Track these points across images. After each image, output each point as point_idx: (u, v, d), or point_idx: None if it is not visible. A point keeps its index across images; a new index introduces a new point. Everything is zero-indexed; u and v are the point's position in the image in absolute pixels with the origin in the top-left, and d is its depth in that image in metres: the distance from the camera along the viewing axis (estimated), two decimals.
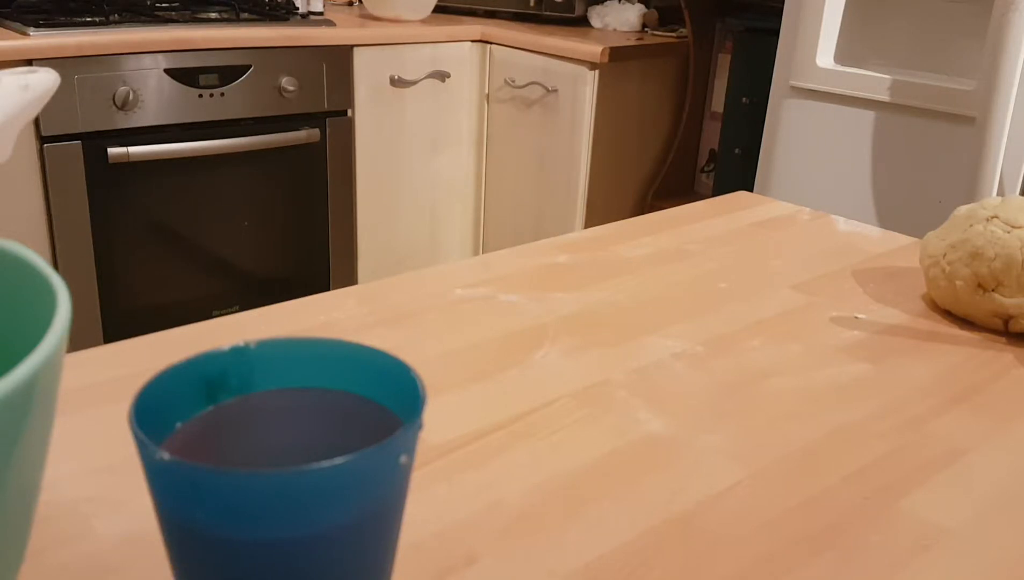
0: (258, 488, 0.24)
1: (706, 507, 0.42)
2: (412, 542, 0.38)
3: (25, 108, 0.41)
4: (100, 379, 0.51)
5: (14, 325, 0.30)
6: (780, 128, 1.75)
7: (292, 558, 0.25)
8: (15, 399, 0.23)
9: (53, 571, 0.36)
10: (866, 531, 0.41)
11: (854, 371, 0.56)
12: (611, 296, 0.65)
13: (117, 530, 0.38)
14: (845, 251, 0.77)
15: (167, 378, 0.28)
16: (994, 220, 0.62)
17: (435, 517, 0.40)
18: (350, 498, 0.25)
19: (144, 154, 1.82)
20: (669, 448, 0.47)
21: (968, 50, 1.56)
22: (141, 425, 0.26)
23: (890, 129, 1.62)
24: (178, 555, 0.27)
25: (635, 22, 2.33)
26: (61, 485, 0.41)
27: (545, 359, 0.56)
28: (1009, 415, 0.52)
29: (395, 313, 0.61)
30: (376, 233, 2.23)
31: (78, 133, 1.75)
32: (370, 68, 2.08)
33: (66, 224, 1.78)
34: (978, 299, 0.62)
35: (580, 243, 0.76)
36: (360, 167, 2.14)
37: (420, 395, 0.28)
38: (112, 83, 1.76)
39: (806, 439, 0.48)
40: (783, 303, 0.66)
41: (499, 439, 0.47)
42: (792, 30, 1.70)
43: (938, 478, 0.45)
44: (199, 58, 1.85)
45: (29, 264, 0.30)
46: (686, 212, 0.86)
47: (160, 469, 0.25)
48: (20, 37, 1.67)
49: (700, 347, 0.58)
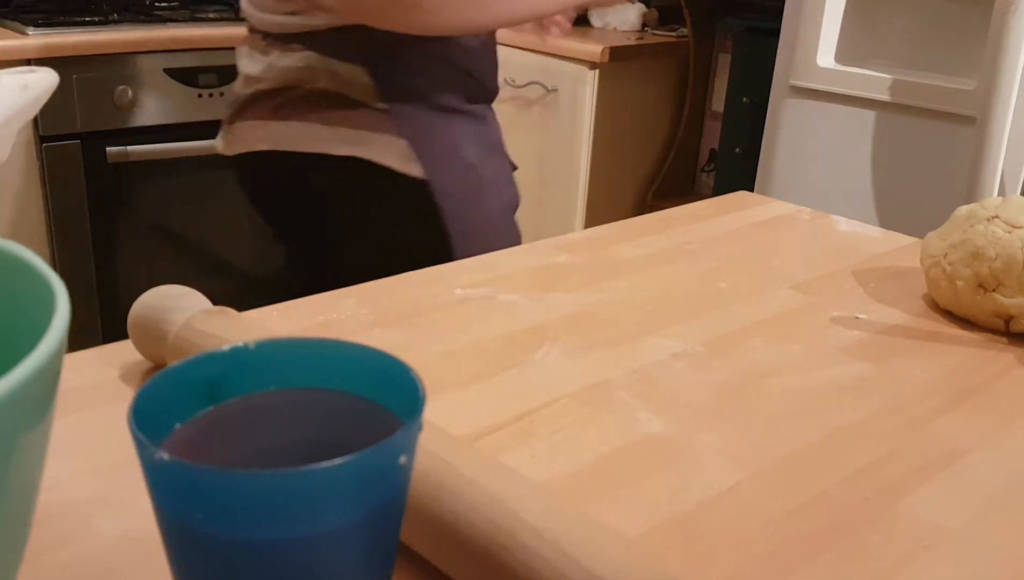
0: (258, 488, 0.24)
1: (706, 507, 0.42)
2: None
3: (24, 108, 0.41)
4: (99, 379, 0.51)
5: (13, 325, 0.30)
6: (780, 128, 1.75)
7: (292, 558, 0.25)
8: (15, 399, 0.23)
9: (52, 571, 0.36)
10: (866, 531, 0.41)
11: (855, 371, 0.56)
12: (611, 296, 0.65)
13: (116, 530, 0.38)
14: (846, 251, 0.77)
15: (166, 378, 0.28)
16: (995, 220, 0.62)
17: None
18: (350, 498, 0.25)
19: (143, 154, 1.82)
20: (669, 448, 0.47)
21: (969, 50, 1.56)
22: (140, 425, 0.25)
23: (891, 129, 1.62)
24: (177, 555, 0.27)
25: (635, 21, 2.33)
26: (60, 485, 0.41)
27: (545, 359, 0.56)
28: (1010, 415, 0.52)
29: (395, 313, 0.61)
30: None
31: (77, 133, 1.75)
32: None
33: (65, 224, 1.78)
34: (979, 299, 0.62)
35: (580, 243, 0.76)
36: None
37: (420, 395, 0.28)
38: (111, 83, 1.76)
39: (807, 439, 0.48)
40: (784, 303, 0.66)
41: (499, 439, 0.47)
42: (792, 29, 1.70)
43: (939, 478, 0.45)
44: (198, 58, 1.85)
45: (28, 264, 0.30)
46: (686, 212, 0.86)
47: (159, 470, 0.25)
48: (19, 37, 1.67)
49: (700, 347, 0.58)
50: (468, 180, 1.08)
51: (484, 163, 1.11)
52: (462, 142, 1.07)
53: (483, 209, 1.10)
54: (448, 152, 1.05)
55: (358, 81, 0.98)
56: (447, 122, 1.05)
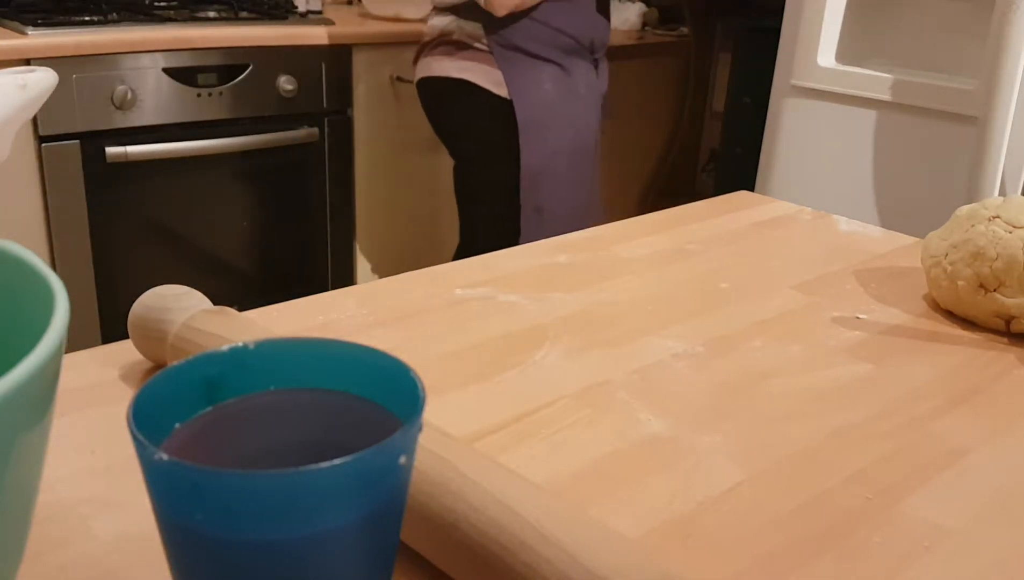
0: (257, 489, 0.24)
1: (707, 508, 0.42)
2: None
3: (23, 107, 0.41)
4: (98, 379, 0.51)
5: (12, 325, 0.30)
6: (781, 127, 1.75)
7: (291, 559, 0.25)
8: (14, 399, 0.23)
9: (52, 572, 0.36)
10: (867, 532, 0.41)
11: (855, 371, 0.56)
12: (611, 296, 0.65)
13: (116, 531, 0.38)
14: (846, 251, 0.77)
15: (166, 378, 0.28)
16: (996, 220, 0.62)
17: None
18: (349, 499, 0.25)
19: (142, 153, 1.82)
20: (670, 449, 0.47)
21: (969, 49, 1.56)
22: (139, 426, 0.25)
23: (891, 129, 1.62)
24: (176, 556, 0.27)
25: (635, 21, 2.33)
26: (60, 486, 0.41)
27: (545, 359, 0.55)
28: (1011, 416, 0.52)
29: (395, 313, 0.61)
30: (375, 233, 2.22)
31: (76, 132, 1.75)
32: (369, 67, 2.08)
33: (64, 224, 1.78)
34: (980, 299, 0.62)
35: (580, 243, 0.76)
36: (359, 167, 2.14)
37: (420, 396, 0.28)
38: (110, 82, 1.76)
39: (807, 440, 0.48)
40: (784, 303, 0.66)
41: (499, 439, 0.47)
42: (793, 29, 1.70)
43: (939, 479, 0.45)
44: (198, 57, 1.85)
45: (27, 264, 0.30)
46: (686, 212, 0.86)
47: (159, 470, 0.25)
48: (18, 36, 1.67)
49: (701, 347, 0.58)
50: (544, 109, 1.61)
51: (561, 101, 1.63)
52: (544, 81, 1.62)
53: (551, 132, 1.63)
54: (531, 84, 1.61)
55: (476, 34, 1.61)
56: (535, 64, 1.61)
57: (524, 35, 1.59)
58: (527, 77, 1.60)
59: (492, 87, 1.60)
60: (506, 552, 0.33)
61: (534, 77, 1.61)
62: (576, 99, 1.67)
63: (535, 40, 1.60)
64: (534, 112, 1.61)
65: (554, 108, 1.63)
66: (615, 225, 0.82)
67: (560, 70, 1.63)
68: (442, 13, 1.65)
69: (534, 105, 1.61)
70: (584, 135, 1.69)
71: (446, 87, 1.65)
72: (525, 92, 1.60)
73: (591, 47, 1.69)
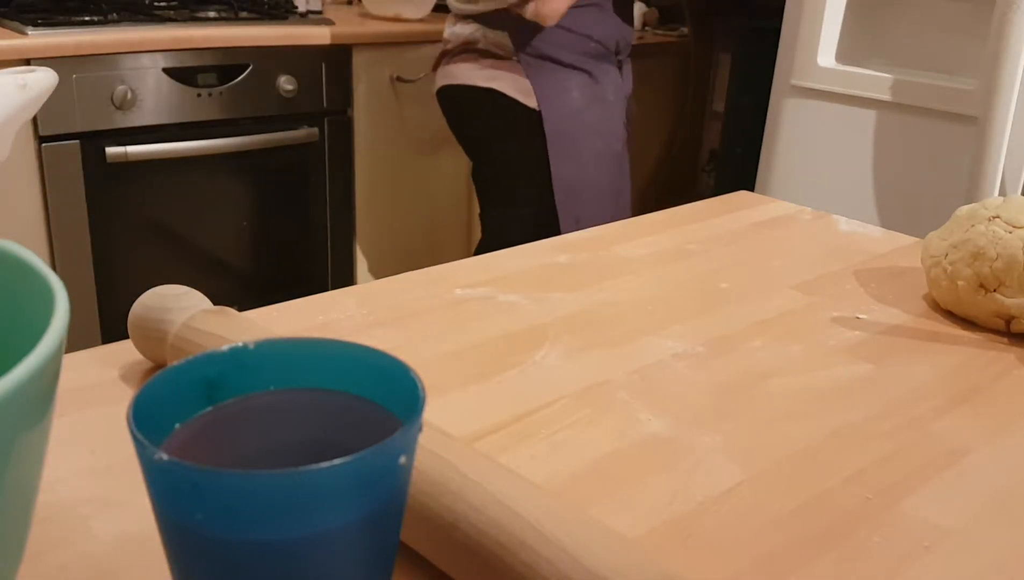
0: (257, 489, 0.24)
1: (707, 508, 0.42)
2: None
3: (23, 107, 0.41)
4: (98, 379, 0.51)
5: (12, 325, 0.30)
6: (781, 127, 1.75)
7: (291, 559, 0.25)
8: (14, 399, 0.23)
9: (52, 572, 0.36)
10: (867, 532, 0.41)
11: (855, 371, 0.56)
12: (611, 296, 0.65)
13: (116, 531, 0.38)
14: (846, 251, 0.77)
15: (166, 378, 0.28)
16: (996, 220, 0.62)
17: None
18: (349, 499, 0.25)
19: (142, 154, 1.82)
20: (670, 449, 0.47)
21: (969, 49, 1.56)
22: (139, 426, 0.25)
23: (891, 128, 1.62)
24: (176, 556, 0.27)
25: (635, 21, 2.33)
26: (59, 486, 0.41)
27: (545, 359, 0.55)
28: (1011, 416, 0.52)
29: (395, 313, 0.61)
30: (375, 233, 2.23)
31: (76, 132, 1.75)
32: (369, 67, 2.08)
33: (64, 224, 1.78)
34: (980, 299, 0.62)
35: (580, 243, 0.76)
36: (359, 167, 2.14)
37: (420, 396, 0.28)
38: (110, 82, 1.76)
39: (807, 440, 0.48)
40: (784, 303, 0.66)
41: (499, 439, 0.47)
42: (793, 29, 1.70)
43: (939, 479, 0.45)
44: (197, 57, 1.85)
45: (27, 264, 0.30)
46: (686, 212, 0.86)
47: (159, 470, 0.25)
48: (18, 36, 1.67)
49: (701, 347, 0.58)
50: (572, 117, 1.60)
51: (589, 108, 1.62)
52: (572, 88, 1.60)
53: (581, 141, 1.61)
54: (560, 94, 1.59)
55: (503, 43, 1.58)
56: (562, 73, 1.59)
57: (553, 44, 1.57)
58: (556, 87, 1.59)
59: (520, 96, 1.58)
60: (506, 552, 0.33)
61: (563, 87, 1.59)
62: (604, 106, 1.65)
63: (564, 48, 1.58)
64: (563, 123, 1.60)
65: (582, 117, 1.62)
66: (615, 225, 0.82)
67: (588, 77, 1.61)
68: (465, 21, 1.62)
69: (562, 116, 1.59)
70: (611, 141, 1.67)
71: (471, 95, 1.64)
72: (554, 102, 1.59)
73: (616, 49, 1.67)
